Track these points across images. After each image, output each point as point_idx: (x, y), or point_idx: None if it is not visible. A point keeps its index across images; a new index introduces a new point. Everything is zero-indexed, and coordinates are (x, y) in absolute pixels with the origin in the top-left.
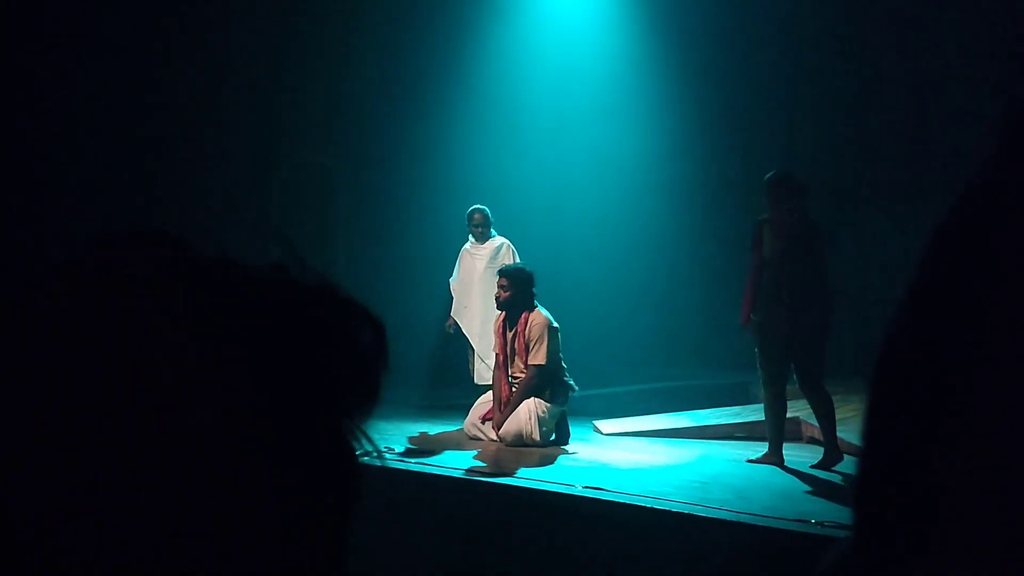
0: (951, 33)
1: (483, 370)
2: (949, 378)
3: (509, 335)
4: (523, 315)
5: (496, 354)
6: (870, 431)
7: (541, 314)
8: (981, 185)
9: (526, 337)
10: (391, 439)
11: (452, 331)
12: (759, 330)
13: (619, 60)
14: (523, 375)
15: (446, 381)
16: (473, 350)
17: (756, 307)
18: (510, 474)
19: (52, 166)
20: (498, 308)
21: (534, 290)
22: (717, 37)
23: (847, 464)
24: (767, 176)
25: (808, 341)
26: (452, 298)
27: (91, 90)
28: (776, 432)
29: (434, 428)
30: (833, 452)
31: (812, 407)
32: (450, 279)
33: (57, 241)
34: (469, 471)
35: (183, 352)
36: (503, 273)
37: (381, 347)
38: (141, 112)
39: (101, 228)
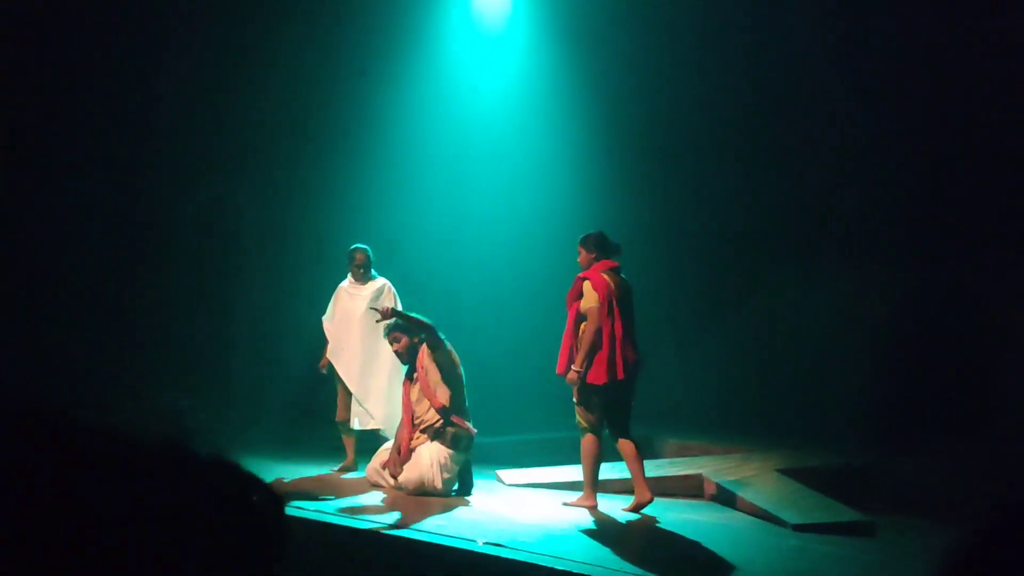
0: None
1: (362, 415)
2: None
3: (412, 386)
4: (418, 356)
5: (403, 413)
6: None
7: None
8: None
9: (425, 369)
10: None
11: (325, 372)
12: (605, 382)
13: (528, 106)
14: (428, 415)
15: (324, 421)
16: (350, 393)
17: (588, 359)
18: (409, 525)
19: None
20: (403, 363)
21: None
22: (628, 69)
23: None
24: (586, 235)
25: (630, 392)
26: (324, 338)
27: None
28: (596, 475)
29: (312, 471)
30: (644, 492)
31: (625, 454)
32: (323, 318)
33: None
34: (366, 519)
35: (90, 525)
36: (391, 330)
37: (275, 506)
38: (56, 138)
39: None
